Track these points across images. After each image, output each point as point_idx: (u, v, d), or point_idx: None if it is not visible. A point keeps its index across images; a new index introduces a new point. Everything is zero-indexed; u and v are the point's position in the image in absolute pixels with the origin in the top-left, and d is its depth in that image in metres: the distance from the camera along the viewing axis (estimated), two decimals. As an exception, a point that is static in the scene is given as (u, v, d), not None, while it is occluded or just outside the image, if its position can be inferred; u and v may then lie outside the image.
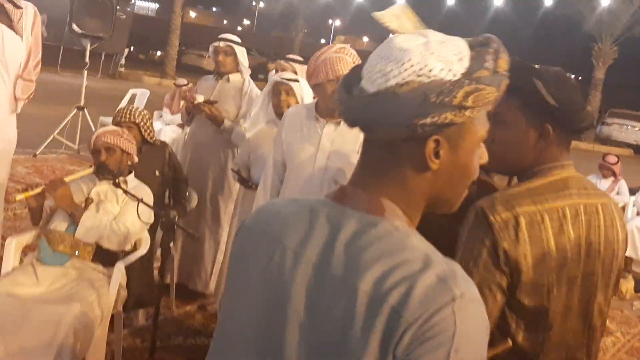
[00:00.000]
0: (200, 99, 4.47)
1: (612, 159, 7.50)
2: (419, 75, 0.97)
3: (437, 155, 1.01)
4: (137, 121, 4.00)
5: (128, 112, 4.04)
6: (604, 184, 7.35)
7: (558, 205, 1.57)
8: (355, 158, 2.79)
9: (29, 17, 4.17)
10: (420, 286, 0.91)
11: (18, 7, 4.12)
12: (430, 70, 0.97)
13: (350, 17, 47.27)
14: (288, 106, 3.43)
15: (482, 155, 1.09)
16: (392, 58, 1.00)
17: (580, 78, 31.60)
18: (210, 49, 4.68)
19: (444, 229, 1.50)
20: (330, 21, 54.85)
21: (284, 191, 2.98)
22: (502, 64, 1.02)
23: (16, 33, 4.07)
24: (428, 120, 0.97)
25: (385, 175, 1.03)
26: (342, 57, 2.83)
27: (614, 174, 7.43)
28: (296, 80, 3.64)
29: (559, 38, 46.10)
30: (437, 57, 0.98)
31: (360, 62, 2.91)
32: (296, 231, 1.06)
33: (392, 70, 0.98)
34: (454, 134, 1.01)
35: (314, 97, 3.39)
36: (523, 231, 1.50)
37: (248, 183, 3.78)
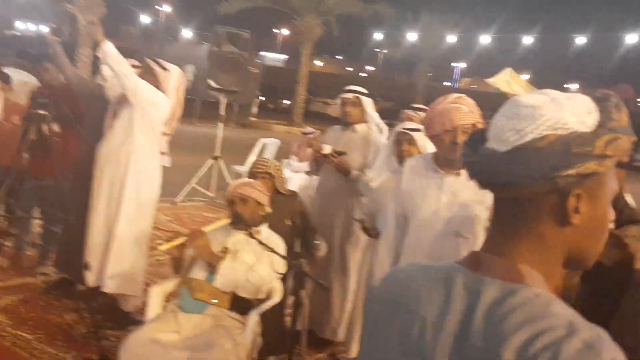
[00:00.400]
0: (327, 149, 4.58)
1: None
2: (555, 129, 0.97)
3: (577, 209, 1.00)
4: (271, 172, 4.17)
5: (263, 163, 4.22)
6: None
7: None
8: (477, 209, 2.75)
9: (175, 79, 4.51)
10: (566, 351, 0.89)
11: (166, 69, 4.46)
12: (565, 123, 0.98)
13: (475, 59, 46.77)
14: (410, 156, 3.45)
15: (611, 210, 1.07)
16: (522, 116, 1.01)
17: None
18: (338, 100, 4.80)
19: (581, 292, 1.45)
20: (452, 64, 54.52)
21: (407, 243, 2.97)
22: (624, 116, 1.02)
23: (163, 93, 4.41)
24: (570, 171, 0.97)
25: (522, 236, 1.02)
26: (458, 107, 2.80)
27: None
28: (418, 130, 3.65)
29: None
30: (568, 110, 0.99)
31: (477, 111, 2.89)
32: (433, 302, 1.05)
33: (526, 127, 0.99)
34: (593, 186, 1.00)
35: None
36: None
37: (371, 232, 3.81)
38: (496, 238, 1.05)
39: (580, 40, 39.28)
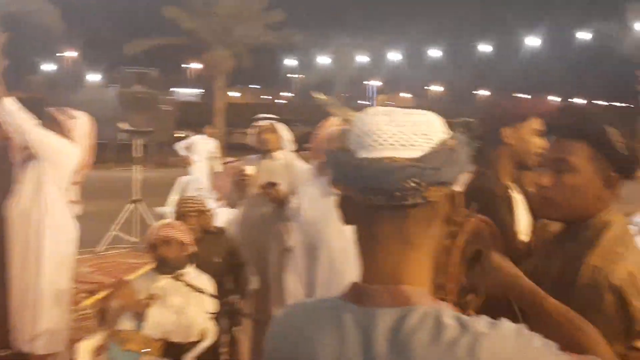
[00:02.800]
0: (249, 169, 4.52)
1: None
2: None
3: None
4: (200, 209, 4.11)
5: (191, 201, 4.14)
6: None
7: None
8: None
9: (83, 125, 4.37)
10: (481, 351, 0.93)
11: (71, 117, 4.32)
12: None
13: (387, 76, 47.84)
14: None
15: None
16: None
17: (626, 106, 31.02)
18: (253, 129, 4.76)
19: None
20: (365, 82, 55.70)
21: (319, 270, 2.94)
22: None
23: (72, 141, 4.26)
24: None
25: (395, 253, 1.02)
26: (339, 128, 2.83)
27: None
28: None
29: (599, 70, 45.65)
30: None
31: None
32: (327, 349, 1.01)
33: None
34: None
35: None
36: None
37: None
38: (371, 264, 1.04)
39: (484, 47, 40.93)
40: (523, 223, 2.19)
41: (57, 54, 42.04)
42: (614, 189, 1.62)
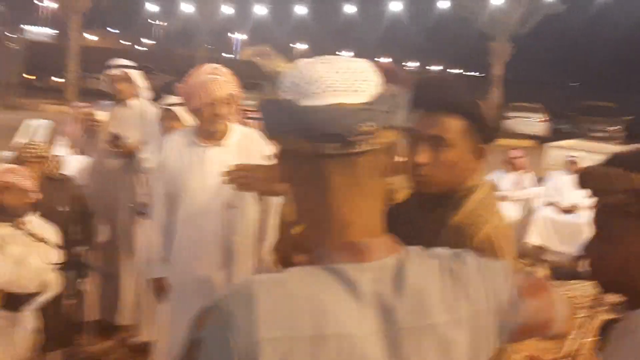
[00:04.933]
0: (100, 115, 4.35)
1: (516, 153, 7.55)
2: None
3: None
4: (42, 155, 3.89)
5: (32, 147, 3.91)
6: (510, 178, 7.38)
7: None
8: None
9: None
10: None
11: None
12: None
13: (253, 30, 47.33)
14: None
15: None
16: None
17: (478, 75, 32.81)
18: (104, 77, 4.54)
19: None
20: (230, 34, 54.76)
21: (179, 222, 2.92)
22: None
23: None
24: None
25: (368, 204, 1.01)
26: (215, 78, 2.80)
27: (518, 167, 7.44)
28: (181, 104, 3.58)
29: (456, 39, 47.82)
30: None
31: (234, 80, 2.89)
32: (344, 314, 0.92)
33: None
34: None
35: None
36: None
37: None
38: (343, 217, 0.99)
39: (349, 8, 41.47)
40: None
41: None
42: (483, 159, 1.69)
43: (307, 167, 0.99)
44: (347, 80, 0.97)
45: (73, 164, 7.57)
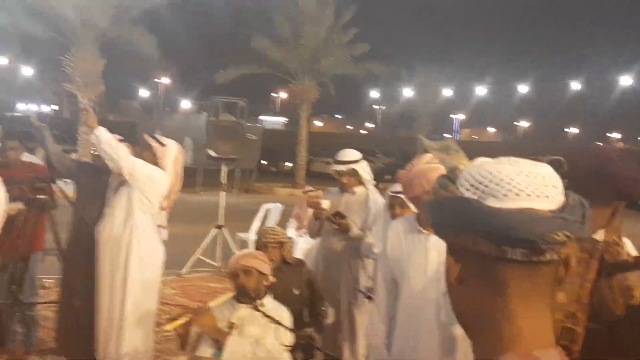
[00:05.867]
0: (325, 204, 4.57)
1: None
2: None
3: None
4: (282, 241, 4.18)
5: (273, 233, 4.23)
6: None
7: None
8: None
9: (173, 153, 4.55)
10: None
11: (162, 144, 4.51)
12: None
13: (473, 110, 47.25)
14: None
15: None
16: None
17: None
18: (332, 172, 4.79)
19: None
20: (451, 116, 55.07)
21: (399, 309, 2.95)
22: None
23: (160, 168, 4.44)
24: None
25: (540, 311, 0.97)
26: (435, 167, 2.81)
27: None
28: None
29: None
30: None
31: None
32: None
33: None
34: None
35: None
36: None
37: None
38: (519, 326, 0.96)
39: (576, 85, 39.75)
40: None
41: (154, 80, 43.87)
42: None
43: (483, 269, 0.96)
44: (537, 185, 0.95)
45: (300, 246, 8.01)
